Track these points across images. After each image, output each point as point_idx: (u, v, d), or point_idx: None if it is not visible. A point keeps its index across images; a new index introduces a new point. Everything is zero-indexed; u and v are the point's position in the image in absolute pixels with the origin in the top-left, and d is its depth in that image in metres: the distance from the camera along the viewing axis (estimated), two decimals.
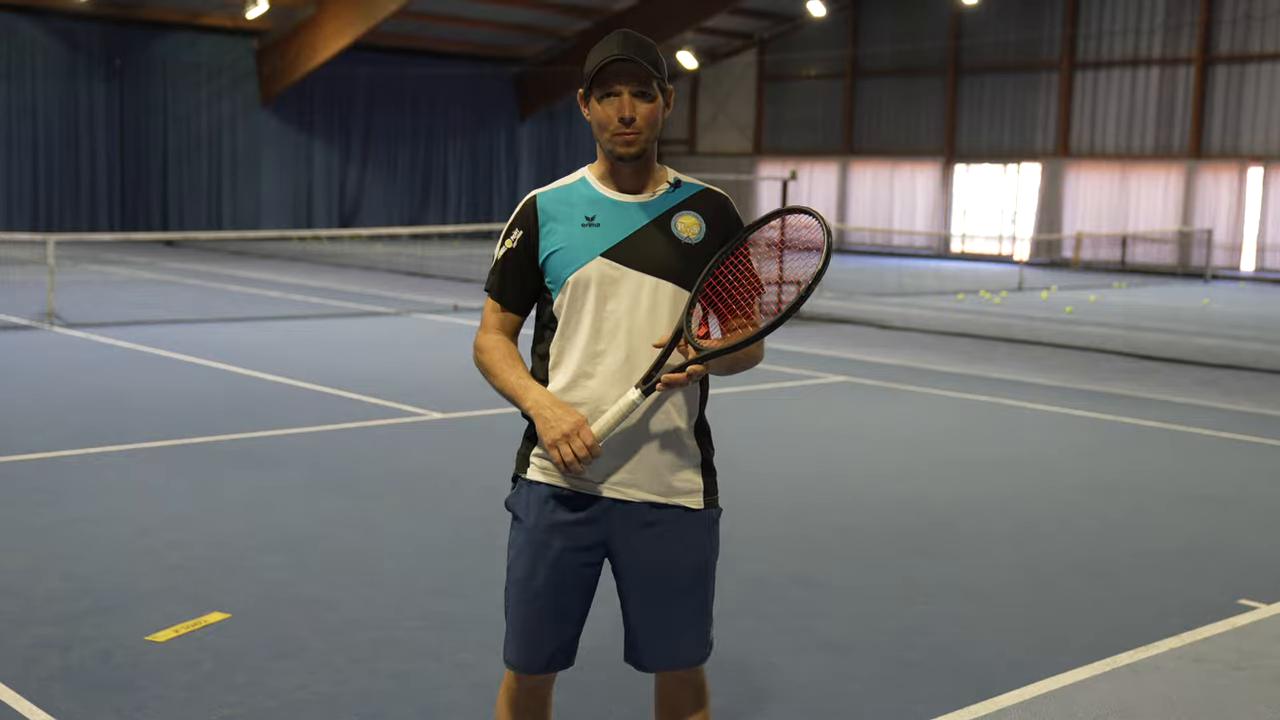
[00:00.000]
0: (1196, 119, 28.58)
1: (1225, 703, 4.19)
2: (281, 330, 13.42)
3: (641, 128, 2.73)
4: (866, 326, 15.34)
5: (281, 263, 23.06)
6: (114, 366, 10.57)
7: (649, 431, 2.78)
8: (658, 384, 2.68)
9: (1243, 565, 5.81)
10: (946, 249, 33.04)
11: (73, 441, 7.55)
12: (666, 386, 2.69)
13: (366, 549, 5.61)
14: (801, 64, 35.36)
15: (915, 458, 7.95)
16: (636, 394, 2.68)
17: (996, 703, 4.11)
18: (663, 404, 2.79)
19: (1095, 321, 16.93)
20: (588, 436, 2.66)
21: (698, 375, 2.70)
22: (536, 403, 2.74)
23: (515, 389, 2.78)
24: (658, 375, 2.69)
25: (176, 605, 4.77)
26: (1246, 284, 26.15)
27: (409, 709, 3.94)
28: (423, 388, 9.86)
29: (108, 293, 16.85)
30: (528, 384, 2.78)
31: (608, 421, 2.69)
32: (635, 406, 2.69)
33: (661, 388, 2.69)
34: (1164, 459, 8.19)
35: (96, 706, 3.87)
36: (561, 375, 2.80)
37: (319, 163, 31.81)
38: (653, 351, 2.76)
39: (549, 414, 2.71)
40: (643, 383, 2.69)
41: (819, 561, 5.67)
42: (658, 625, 2.86)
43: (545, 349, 2.85)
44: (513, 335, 2.88)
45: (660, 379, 2.68)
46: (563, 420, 2.68)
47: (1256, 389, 11.22)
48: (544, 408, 2.72)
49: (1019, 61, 31.30)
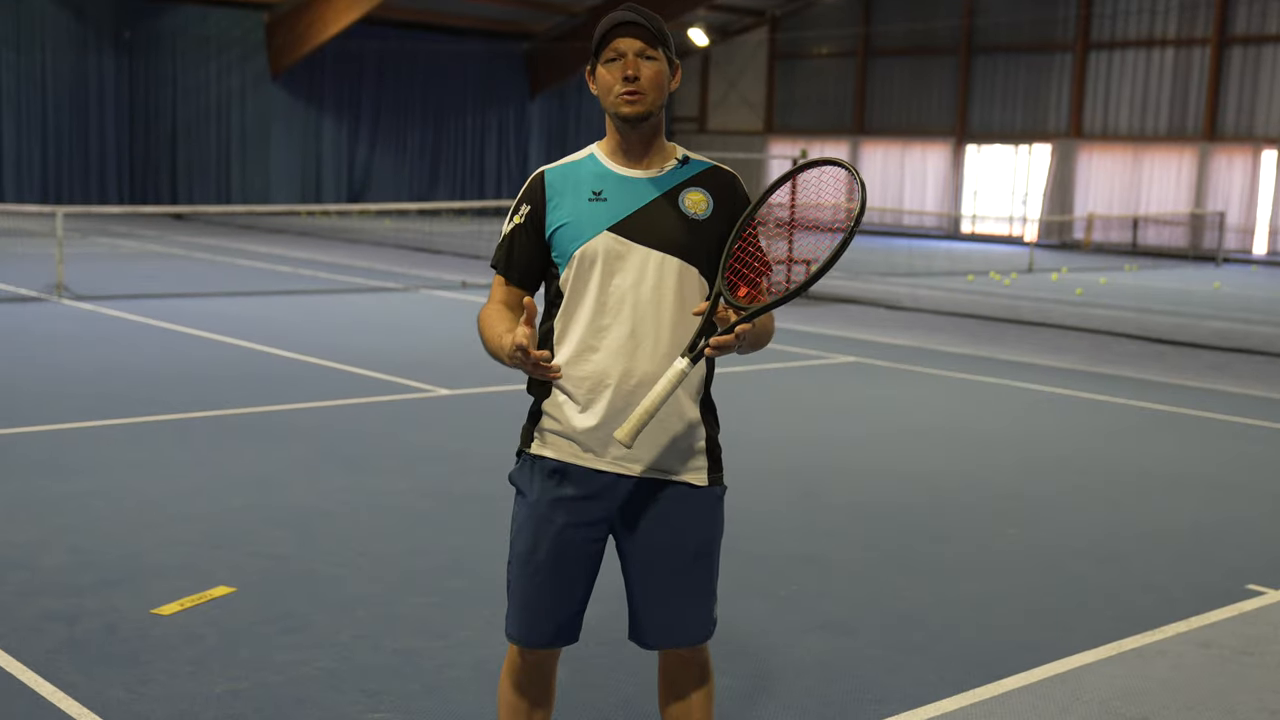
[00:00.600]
0: (1211, 101, 28.40)
1: (1232, 688, 4.17)
2: (289, 305, 13.41)
3: (646, 87, 2.70)
4: (875, 307, 15.29)
5: (290, 237, 23.05)
6: (122, 340, 10.57)
7: None
8: (706, 350, 2.64)
9: (1251, 550, 5.79)
10: (957, 230, 32.92)
11: (80, 414, 7.55)
12: (715, 350, 2.63)
13: (372, 525, 5.60)
14: (813, 42, 35.18)
15: (923, 439, 7.93)
16: (685, 363, 2.64)
17: (1002, 685, 4.10)
18: None
19: (1106, 304, 16.86)
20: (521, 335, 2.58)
21: (746, 336, 2.64)
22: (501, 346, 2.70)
23: (496, 339, 2.74)
24: (705, 341, 2.65)
25: (182, 579, 4.77)
26: (1259, 267, 26.02)
27: (412, 685, 3.93)
28: (430, 364, 9.85)
29: (116, 266, 16.85)
30: (502, 336, 2.72)
31: (658, 395, 2.62)
32: (684, 376, 2.64)
33: (710, 353, 2.64)
34: (1173, 443, 8.16)
35: (102, 679, 3.87)
36: (566, 349, 2.78)
37: (328, 137, 31.76)
38: (658, 326, 2.74)
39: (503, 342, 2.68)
40: (689, 350, 2.65)
41: (826, 542, 5.65)
42: (661, 603, 2.85)
43: (551, 324, 2.83)
44: (517, 309, 2.84)
45: (709, 343, 2.63)
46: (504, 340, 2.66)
47: (1268, 373, 11.16)
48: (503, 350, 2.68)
49: (1032, 41, 31.11)
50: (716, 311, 2.67)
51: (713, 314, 2.68)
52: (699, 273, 2.78)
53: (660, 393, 2.63)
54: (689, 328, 2.75)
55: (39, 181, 27.96)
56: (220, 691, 3.82)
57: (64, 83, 28.01)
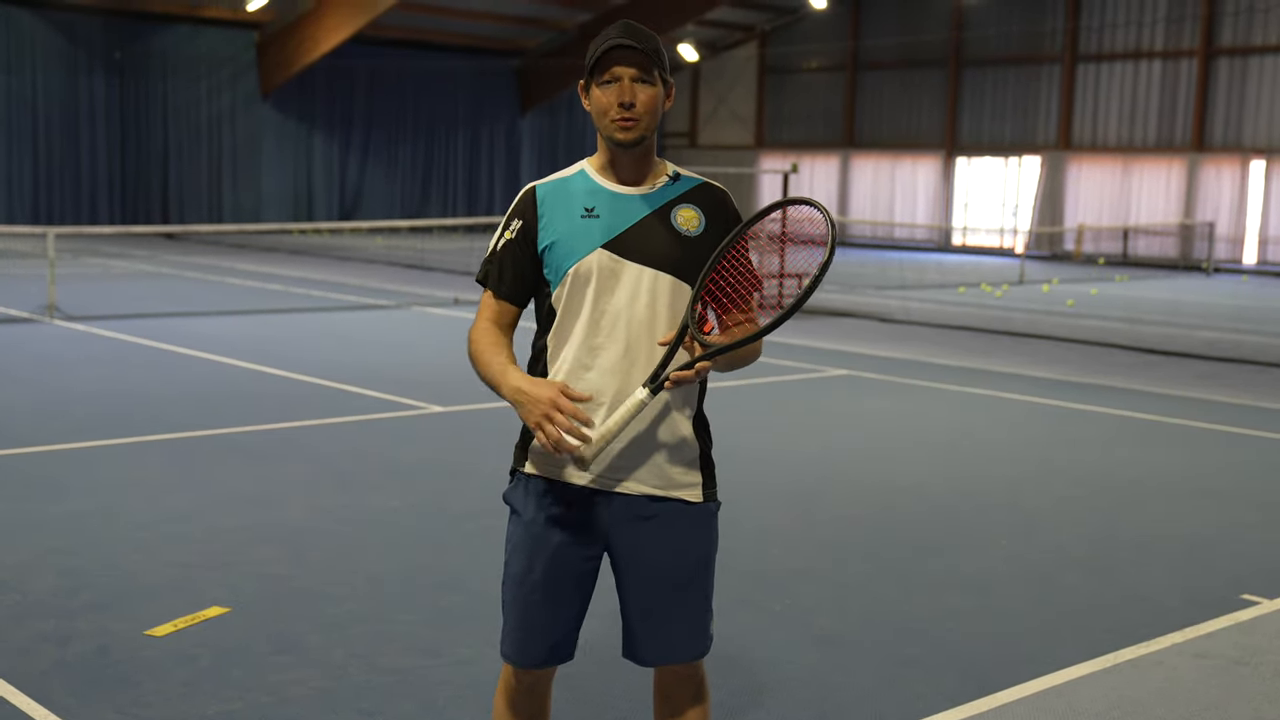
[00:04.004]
0: (1199, 111, 28.52)
1: (1227, 698, 4.17)
2: (282, 323, 13.39)
3: (641, 114, 2.70)
4: (868, 320, 15.31)
5: (282, 256, 23.04)
6: (114, 360, 10.55)
7: (648, 425, 2.76)
8: (666, 382, 2.64)
9: (1245, 559, 5.79)
10: (948, 242, 32.98)
11: (72, 435, 7.53)
12: (675, 384, 2.64)
13: (366, 543, 5.59)
14: (803, 56, 35.29)
15: (915, 451, 7.93)
16: (645, 393, 2.64)
17: (998, 698, 4.09)
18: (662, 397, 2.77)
19: (1097, 315, 16.91)
20: (568, 406, 2.58)
21: (705, 372, 2.67)
22: (513, 389, 2.66)
23: (496, 375, 2.72)
24: (665, 373, 2.65)
25: (175, 600, 4.75)
26: (1249, 276, 26.10)
27: (407, 704, 3.92)
28: (423, 381, 9.84)
29: (108, 286, 16.82)
30: (506, 369, 2.70)
31: (616, 422, 2.63)
32: (644, 406, 2.65)
33: (670, 385, 2.64)
34: (1166, 453, 8.17)
35: (94, 701, 3.85)
36: (559, 368, 2.77)
37: (319, 155, 31.77)
38: (651, 344, 2.73)
39: (524, 396, 2.63)
40: (650, 381, 2.65)
41: (820, 555, 5.64)
42: (656, 620, 2.83)
43: (543, 342, 2.82)
44: (508, 328, 2.83)
45: (669, 377, 2.64)
46: (539, 397, 2.60)
47: (1259, 382, 11.19)
48: (519, 392, 2.64)
49: (1021, 54, 31.24)
50: (683, 341, 2.68)
51: (679, 344, 2.68)
52: (692, 289, 2.77)
53: (620, 419, 2.63)
54: None
55: (30, 202, 27.92)
56: (213, 712, 3.80)
57: (55, 103, 28.00)
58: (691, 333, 2.68)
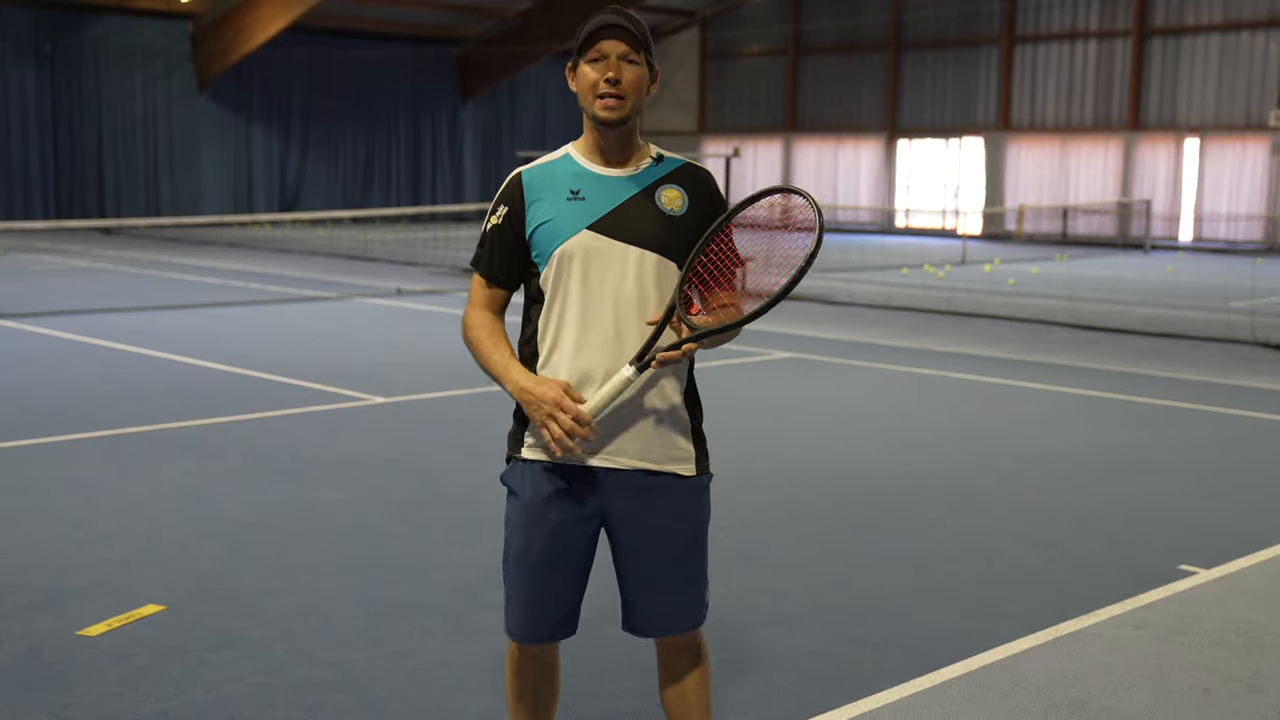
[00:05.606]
0: (1134, 91, 28.89)
1: (1166, 667, 4.21)
2: (221, 317, 13.21)
3: (626, 91, 2.76)
4: (812, 302, 15.36)
5: (221, 249, 22.73)
6: (48, 357, 10.35)
7: (641, 401, 2.82)
8: (653, 361, 2.71)
9: (1182, 530, 5.87)
10: (891, 224, 33.19)
11: (2, 434, 7.36)
12: (661, 364, 2.72)
13: (306, 537, 5.51)
14: (744, 41, 35.32)
15: (860, 432, 7.96)
16: (631, 370, 2.71)
17: (942, 674, 4.11)
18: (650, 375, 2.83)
19: (1038, 294, 17.08)
20: (571, 407, 2.68)
21: (692, 353, 2.75)
22: (517, 387, 2.77)
23: (498, 371, 2.82)
24: (652, 353, 2.72)
25: (109, 599, 4.66)
26: (1185, 253, 26.50)
27: (347, 697, 3.86)
28: (365, 373, 9.74)
29: (41, 281, 16.51)
30: (509, 364, 2.81)
31: (602, 398, 2.71)
32: (629, 383, 2.72)
33: (657, 365, 2.72)
34: (1106, 428, 8.26)
35: (26, 705, 3.76)
36: (550, 348, 2.84)
37: (259, 147, 31.34)
38: (640, 323, 2.80)
39: (530, 396, 2.74)
40: (636, 360, 2.72)
41: (764, 537, 5.65)
42: (653, 592, 2.93)
43: (534, 324, 2.88)
44: (500, 311, 2.92)
45: (656, 356, 2.71)
46: (544, 395, 2.71)
47: (1196, 356, 11.35)
48: (524, 390, 2.75)
49: (959, 36, 31.47)
50: (670, 322, 2.75)
51: (666, 324, 2.75)
52: (678, 267, 2.84)
53: (605, 395, 2.71)
54: None
55: None
56: (149, 712, 3.73)
57: None
58: (679, 314, 2.75)
